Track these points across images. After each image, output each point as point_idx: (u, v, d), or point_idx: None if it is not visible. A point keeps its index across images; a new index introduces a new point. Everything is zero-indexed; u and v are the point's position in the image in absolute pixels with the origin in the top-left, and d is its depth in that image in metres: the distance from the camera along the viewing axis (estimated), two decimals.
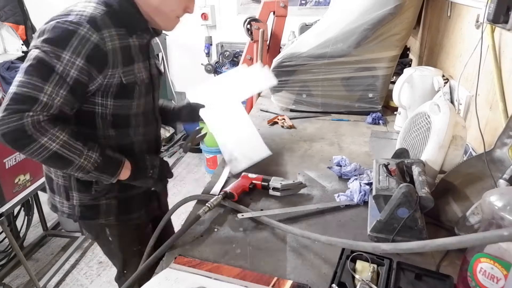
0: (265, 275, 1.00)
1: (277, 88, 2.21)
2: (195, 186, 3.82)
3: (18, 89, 1.08)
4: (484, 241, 0.70)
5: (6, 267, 2.82)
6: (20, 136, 1.08)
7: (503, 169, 1.09)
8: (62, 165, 1.17)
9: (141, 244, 1.50)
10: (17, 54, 5.04)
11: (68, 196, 1.38)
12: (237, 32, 3.45)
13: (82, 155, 1.17)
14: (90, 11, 1.17)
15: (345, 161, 1.54)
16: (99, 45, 1.16)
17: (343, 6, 2.13)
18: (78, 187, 1.35)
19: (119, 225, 1.48)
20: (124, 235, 1.52)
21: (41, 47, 1.11)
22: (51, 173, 1.40)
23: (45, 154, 1.11)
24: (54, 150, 1.12)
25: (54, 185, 1.40)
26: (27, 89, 1.08)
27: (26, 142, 1.09)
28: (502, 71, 1.34)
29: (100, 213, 1.40)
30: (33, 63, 1.10)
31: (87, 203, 1.38)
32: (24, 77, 1.09)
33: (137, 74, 1.30)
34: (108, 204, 1.40)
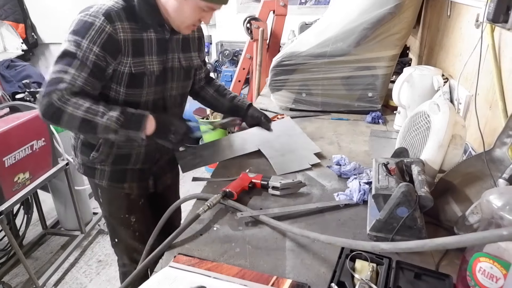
0: (264, 274, 1.00)
1: (276, 87, 2.21)
2: (194, 185, 3.81)
3: (49, 77, 1.30)
4: (483, 240, 0.70)
5: (6, 265, 2.82)
6: (52, 111, 1.28)
7: (503, 169, 1.09)
8: (91, 129, 1.34)
9: (129, 213, 1.71)
10: (17, 53, 5.06)
11: (76, 154, 1.65)
12: (237, 31, 3.46)
13: (104, 116, 1.32)
14: (108, 5, 1.35)
15: (345, 160, 1.54)
16: (112, 35, 1.33)
17: (343, 5, 2.13)
18: (81, 149, 1.60)
19: (109, 189, 1.67)
20: (112, 200, 1.71)
21: (68, 39, 1.33)
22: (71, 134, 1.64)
23: (76, 122, 1.30)
24: (81, 117, 1.29)
25: (71, 144, 1.67)
26: (55, 75, 1.29)
27: (58, 114, 1.29)
28: (502, 70, 1.34)
29: (96, 174, 1.63)
30: (60, 54, 1.32)
31: (87, 164, 1.63)
32: (54, 67, 1.31)
33: (147, 65, 1.44)
34: (102, 169, 1.61)
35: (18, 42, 5.06)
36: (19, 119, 2.32)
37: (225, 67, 4.76)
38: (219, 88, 1.87)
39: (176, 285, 0.94)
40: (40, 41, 5.28)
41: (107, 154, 1.55)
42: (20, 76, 4.45)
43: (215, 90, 1.86)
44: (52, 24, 5.06)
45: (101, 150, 1.54)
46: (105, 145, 1.53)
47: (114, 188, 1.66)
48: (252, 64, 3.58)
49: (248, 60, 3.61)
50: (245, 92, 4.09)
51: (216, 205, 1.26)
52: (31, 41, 5.16)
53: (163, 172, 1.80)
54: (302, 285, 0.96)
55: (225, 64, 4.80)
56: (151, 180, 1.73)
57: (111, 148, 1.54)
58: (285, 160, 1.60)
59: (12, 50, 5.11)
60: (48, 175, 2.57)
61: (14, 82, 4.40)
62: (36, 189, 2.55)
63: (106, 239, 3.24)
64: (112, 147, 1.54)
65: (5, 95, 2.99)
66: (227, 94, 1.85)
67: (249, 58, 3.59)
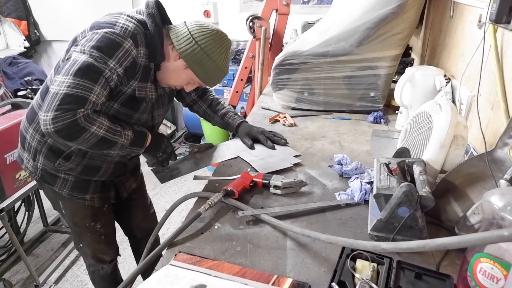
0: (265, 273, 1.00)
1: (279, 86, 2.20)
2: (195, 183, 3.83)
3: (70, 90, 1.20)
4: (484, 241, 0.70)
5: (6, 262, 2.83)
6: (74, 130, 1.23)
7: (504, 169, 1.09)
8: (107, 147, 1.35)
9: (94, 221, 1.70)
10: (19, 50, 5.06)
11: (35, 158, 1.54)
12: (240, 29, 3.45)
13: (122, 135, 1.36)
14: (132, 28, 1.32)
15: (346, 159, 1.54)
16: (135, 60, 1.34)
17: (345, 4, 2.13)
18: (46, 154, 1.51)
19: (71, 200, 1.63)
20: (76, 210, 1.67)
21: (90, 53, 1.24)
22: (26, 133, 1.53)
23: (93, 140, 1.28)
24: (101, 135, 1.29)
25: (26, 144, 1.55)
26: (79, 90, 1.21)
27: (78, 134, 1.24)
28: (504, 71, 1.34)
29: (56, 182, 1.57)
30: (82, 67, 1.23)
31: (48, 170, 1.55)
32: (75, 79, 1.21)
33: (148, 92, 1.46)
34: (66, 178, 1.57)
35: (20, 39, 5.06)
36: (21, 116, 2.31)
37: None
38: (212, 103, 1.85)
39: (176, 283, 0.94)
40: (43, 38, 5.27)
41: (77, 163, 1.52)
42: (22, 73, 4.45)
43: (208, 106, 1.84)
44: (54, 21, 5.06)
45: (73, 159, 1.50)
46: (78, 155, 1.49)
47: (75, 198, 1.62)
48: (254, 63, 3.58)
49: (251, 59, 3.60)
50: (247, 91, 4.09)
51: (217, 204, 1.26)
52: (34, 38, 5.15)
53: (126, 180, 1.81)
54: (303, 284, 0.96)
55: None
56: (113, 191, 1.74)
57: (83, 158, 1.51)
58: (266, 162, 1.61)
59: (15, 47, 5.11)
60: None
61: (16, 79, 4.40)
62: (37, 186, 2.55)
63: None
64: (84, 157, 1.51)
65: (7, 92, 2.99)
66: (219, 110, 1.83)
67: (251, 57, 3.58)
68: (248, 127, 1.81)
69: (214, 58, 1.41)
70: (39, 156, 1.52)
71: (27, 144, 1.54)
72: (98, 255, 1.82)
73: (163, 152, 1.54)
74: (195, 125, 4.61)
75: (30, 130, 1.51)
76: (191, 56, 1.39)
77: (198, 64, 1.40)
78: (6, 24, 5.03)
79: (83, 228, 1.71)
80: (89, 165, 1.54)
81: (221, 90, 4.62)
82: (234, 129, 1.81)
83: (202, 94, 1.85)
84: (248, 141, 1.74)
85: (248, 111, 3.73)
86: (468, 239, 0.67)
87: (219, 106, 1.85)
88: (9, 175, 2.25)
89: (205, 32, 1.38)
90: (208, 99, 1.86)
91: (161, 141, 1.54)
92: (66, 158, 1.49)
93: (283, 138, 1.79)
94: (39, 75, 4.48)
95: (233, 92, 3.73)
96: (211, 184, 1.48)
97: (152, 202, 2.13)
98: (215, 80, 1.49)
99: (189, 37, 1.37)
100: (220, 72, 1.46)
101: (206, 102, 1.85)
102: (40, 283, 2.59)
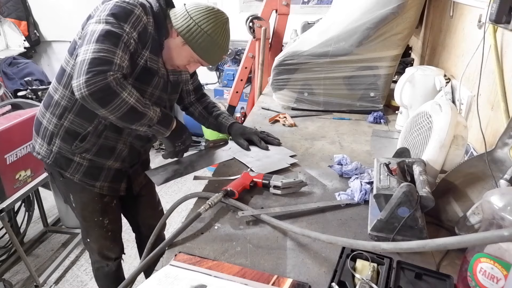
0: (265, 273, 1.00)
1: (279, 86, 2.21)
2: (195, 184, 3.83)
3: (95, 55, 1.25)
4: (484, 241, 0.70)
5: (6, 262, 2.83)
6: (106, 93, 1.26)
7: (504, 169, 1.09)
8: (136, 118, 1.37)
9: (102, 216, 1.73)
10: (19, 50, 5.06)
11: (51, 141, 1.56)
12: (239, 30, 3.45)
13: (150, 109, 1.39)
14: None
15: (346, 160, 1.54)
16: (146, 26, 1.39)
17: (345, 4, 2.13)
18: (63, 137, 1.54)
19: (82, 192, 1.66)
20: (86, 204, 1.70)
21: (106, 20, 1.31)
22: (43, 119, 1.57)
23: (124, 108, 1.30)
24: (131, 104, 1.32)
25: (42, 129, 1.58)
26: (104, 54, 1.26)
27: (110, 98, 1.27)
28: (504, 71, 1.34)
29: (70, 167, 1.59)
30: (102, 33, 1.28)
31: (63, 154, 1.57)
32: (97, 45, 1.27)
33: (160, 66, 1.51)
34: (80, 163, 1.59)
35: (20, 40, 5.07)
36: (21, 117, 2.32)
37: (227, 66, 4.75)
38: (208, 105, 1.90)
39: (176, 283, 0.94)
40: (43, 39, 5.28)
41: (93, 143, 1.54)
42: (22, 73, 4.46)
43: (204, 107, 1.89)
44: (54, 21, 5.06)
45: (88, 139, 1.52)
46: (93, 135, 1.52)
47: (86, 185, 1.64)
48: (254, 63, 3.58)
49: (250, 59, 3.61)
50: (247, 91, 4.09)
51: (217, 204, 1.26)
52: (34, 38, 5.16)
53: (137, 174, 1.84)
54: (303, 285, 0.96)
55: (227, 63, 4.79)
56: (124, 183, 1.76)
57: (99, 138, 1.54)
58: (263, 163, 1.61)
59: (15, 48, 5.12)
60: None
61: (16, 79, 4.41)
62: (37, 187, 2.56)
63: None
64: (100, 137, 1.54)
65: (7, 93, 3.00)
66: (213, 112, 1.88)
67: (251, 57, 3.59)
68: (241, 128, 1.82)
69: (209, 32, 1.45)
70: (55, 139, 1.55)
71: (42, 130, 1.58)
72: (103, 251, 1.84)
73: (182, 143, 1.58)
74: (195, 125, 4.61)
75: (47, 114, 1.55)
76: (187, 31, 1.45)
77: (194, 39, 1.46)
78: (6, 25, 5.04)
79: (92, 223, 1.74)
80: (104, 145, 1.57)
81: (221, 90, 4.62)
82: (227, 129, 1.83)
83: (199, 97, 1.90)
84: (244, 142, 1.75)
85: (248, 111, 3.73)
86: (468, 239, 0.67)
87: (214, 109, 1.90)
88: (9, 176, 2.25)
89: (200, 9, 1.45)
90: (205, 101, 1.91)
91: (183, 130, 1.58)
92: (82, 139, 1.53)
93: (276, 138, 1.80)
94: (39, 76, 4.49)
95: (233, 92, 3.73)
96: (211, 184, 1.48)
97: (160, 200, 2.16)
98: (213, 56, 1.53)
99: (186, 14, 1.45)
100: (217, 47, 1.50)
101: (202, 104, 1.89)
102: (40, 283, 2.59)
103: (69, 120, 1.51)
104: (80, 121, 1.50)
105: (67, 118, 1.51)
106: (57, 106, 1.52)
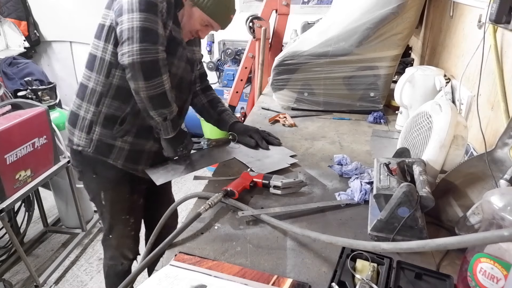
0: (265, 273, 1.00)
1: (278, 86, 2.21)
2: (195, 184, 3.83)
3: (143, 23, 1.28)
4: (484, 241, 0.70)
5: (6, 262, 2.83)
6: (154, 68, 1.31)
7: (504, 169, 1.09)
8: (162, 105, 1.41)
9: (129, 215, 1.77)
10: (19, 50, 5.06)
11: (90, 130, 1.58)
12: (239, 30, 3.45)
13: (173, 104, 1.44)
14: None
15: (346, 160, 1.54)
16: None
17: (345, 5, 2.13)
18: (103, 123, 1.56)
19: (114, 191, 1.70)
20: (115, 202, 1.73)
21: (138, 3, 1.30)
22: (79, 110, 1.59)
23: (159, 89, 1.36)
24: (165, 89, 1.38)
25: (79, 120, 1.60)
26: (150, 24, 1.30)
27: (154, 74, 1.33)
28: (504, 71, 1.34)
29: (112, 152, 1.60)
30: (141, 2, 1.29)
31: (105, 140, 1.58)
32: (141, 14, 1.29)
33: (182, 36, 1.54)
34: (121, 147, 1.60)
35: (20, 40, 5.06)
36: (21, 117, 2.32)
37: (227, 66, 4.75)
38: (213, 100, 1.91)
39: (177, 283, 0.94)
40: (43, 39, 5.27)
41: (132, 124, 1.57)
42: (22, 73, 4.45)
43: (209, 101, 1.90)
44: (54, 21, 5.06)
45: (128, 120, 1.55)
46: (131, 115, 1.55)
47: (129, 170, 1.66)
48: (254, 63, 3.58)
49: (250, 59, 3.61)
50: (247, 91, 4.09)
51: (217, 204, 1.26)
52: (34, 38, 5.15)
53: None
54: (303, 285, 0.96)
55: (227, 63, 4.79)
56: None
57: (137, 118, 1.56)
58: (263, 163, 1.61)
59: (15, 48, 5.11)
60: (49, 173, 2.57)
61: (16, 79, 4.40)
62: (37, 187, 2.55)
63: None
64: (137, 117, 1.55)
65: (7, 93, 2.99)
66: (218, 107, 1.89)
67: (251, 57, 3.59)
68: (243, 126, 1.84)
69: None
70: (95, 127, 1.57)
71: (80, 121, 1.59)
72: (123, 249, 1.86)
73: (184, 147, 1.59)
74: (195, 125, 4.62)
75: (83, 105, 1.57)
76: None
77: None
78: (6, 25, 5.03)
79: (118, 221, 1.78)
80: (142, 126, 1.58)
81: (221, 90, 4.63)
82: (228, 126, 1.84)
83: (205, 88, 1.92)
84: (251, 140, 1.75)
85: (248, 111, 3.73)
86: (468, 239, 0.67)
87: (219, 104, 1.91)
88: (9, 176, 2.25)
89: None
90: (211, 95, 1.92)
91: (184, 135, 1.60)
92: (121, 122, 1.55)
93: (277, 138, 1.80)
94: (39, 76, 4.48)
95: (233, 92, 3.73)
96: (211, 184, 1.48)
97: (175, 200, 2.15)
98: (221, 16, 1.57)
99: None
100: (223, 6, 1.55)
101: (207, 97, 1.91)
102: (40, 283, 2.59)
103: (107, 105, 1.53)
104: (118, 104, 1.53)
105: (104, 104, 1.53)
106: (93, 94, 1.54)
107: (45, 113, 2.49)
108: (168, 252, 1.12)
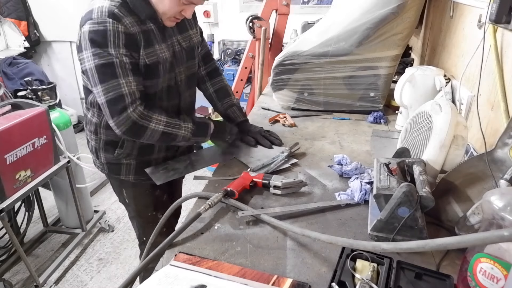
0: (265, 273, 1.00)
1: (278, 86, 2.21)
2: (195, 184, 3.82)
3: (106, 97, 1.35)
4: (484, 241, 0.70)
5: (6, 262, 2.83)
6: (136, 128, 1.39)
7: (504, 169, 1.09)
8: (171, 140, 1.50)
9: (156, 210, 1.80)
10: (19, 50, 5.06)
11: (98, 155, 1.68)
12: (239, 30, 3.46)
13: (181, 128, 1.49)
14: (107, 5, 1.34)
15: (346, 160, 1.54)
16: (127, 32, 1.36)
17: (345, 5, 2.13)
18: (105, 148, 1.64)
19: (134, 187, 1.74)
20: (139, 199, 1.78)
21: (91, 54, 1.33)
22: (87, 137, 1.70)
23: (156, 136, 1.45)
24: (162, 131, 1.44)
25: (89, 146, 1.71)
26: (112, 92, 1.34)
27: (141, 131, 1.41)
28: (504, 71, 1.34)
29: (122, 170, 1.68)
30: (97, 70, 1.33)
31: (112, 162, 1.67)
32: (102, 86, 1.35)
33: (159, 54, 1.48)
34: (128, 164, 1.67)
35: (20, 40, 5.06)
36: (21, 117, 2.32)
37: (227, 66, 4.75)
38: (219, 90, 1.86)
39: (176, 283, 0.94)
40: (43, 39, 5.27)
41: (131, 147, 1.61)
42: (22, 73, 4.45)
43: (215, 91, 1.86)
44: (54, 21, 5.05)
45: (126, 145, 1.59)
46: (128, 140, 1.58)
47: (141, 182, 1.69)
48: (254, 63, 3.58)
49: (250, 59, 3.61)
50: (247, 91, 4.09)
51: (217, 204, 1.26)
52: (34, 38, 5.15)
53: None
54: (303, 285, 0.96)
55: (227, 63, 4.79)
56: None
57: (134, 142, 1.59)
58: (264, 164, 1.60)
59: (15, 48, 5.11)
60: (49, 173, 2.57)
61: (16, 79, 4.40)
62: (37, 187, 2.55)
63: (107, 237, 3.24)
64: (135, 141, 1.57)
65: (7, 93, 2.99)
66: (224, 101, 1.85)
67: (251, 57, 3.59)
68: (247, 126, 1.84)
69: None
70: (99, 153, 1.66)
71: (90, 147, 1.71)
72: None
73: (230, 134, 1.66)
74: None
75: (88, 133, 1.68)
76: None
77: None
78: (6, 25, 5.03)
79: (146, 218, 1.80)
80: (142, 145, 1.61)
81: None
82: (234, 124, 1.83)
83: (212, 72, 1.86)
84: (251, 140, 1.75)
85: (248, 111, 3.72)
86: (468, 239, 0.67)
87: (226, 97, 1.87)
88: (9, 176, 2.25)
89: None
90: (217, 84, 1.87)
91: (223, 125, 1.67)
92: (121, 146, 1.60)
93: (279, 138, 1.80)
94: (39, 76, 4.48)
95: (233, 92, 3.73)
96: (211, 184, 1.48)
97: None
98: None
99: None
100: None
101: (214, 86, 1.86)
102: (40, 283, 2.59)
103: (103, 133, 1.61)
104: (113, 132, 1.50)
105: (101, 132, 1.61)
106: (91, 123, 1.63)
107: (45, 113, 2.49)
108: (168, 252, 1.12)
